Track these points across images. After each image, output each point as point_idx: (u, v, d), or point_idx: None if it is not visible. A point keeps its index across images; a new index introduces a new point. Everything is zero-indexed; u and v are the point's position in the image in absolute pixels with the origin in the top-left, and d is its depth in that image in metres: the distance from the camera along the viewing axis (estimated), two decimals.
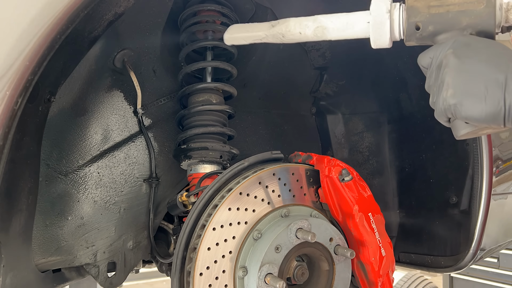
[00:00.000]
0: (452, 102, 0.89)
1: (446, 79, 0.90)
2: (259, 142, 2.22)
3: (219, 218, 1.25)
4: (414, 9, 0.99)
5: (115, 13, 1.40)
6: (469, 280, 5.58)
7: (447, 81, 0.90)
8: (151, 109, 1.84)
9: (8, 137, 0.91)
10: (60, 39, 0.97)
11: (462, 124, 0.94)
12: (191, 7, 1.72)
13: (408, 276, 5.56)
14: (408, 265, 2.00)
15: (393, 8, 1.05)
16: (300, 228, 1.25)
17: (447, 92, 0.90)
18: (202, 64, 1.73)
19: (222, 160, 1.71)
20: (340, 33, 1.17)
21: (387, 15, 1.04)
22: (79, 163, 1.66)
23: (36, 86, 0.97)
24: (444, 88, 0.91)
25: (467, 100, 0.87)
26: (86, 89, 1.64)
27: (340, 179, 1.40)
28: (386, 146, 2.13)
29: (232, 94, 1.82)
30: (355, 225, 1.40)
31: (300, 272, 1.30)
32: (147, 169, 1.84)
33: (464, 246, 1.70)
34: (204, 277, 1.21)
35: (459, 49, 0.91)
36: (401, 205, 2.08)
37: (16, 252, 1.36)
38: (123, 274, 1.80)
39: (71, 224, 1.65)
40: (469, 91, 0.87)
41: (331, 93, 2.28)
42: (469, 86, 0.87)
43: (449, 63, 0.91)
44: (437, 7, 0.96)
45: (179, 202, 1.60)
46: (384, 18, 1.04)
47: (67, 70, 1.48)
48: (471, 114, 0.87)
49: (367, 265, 1.42)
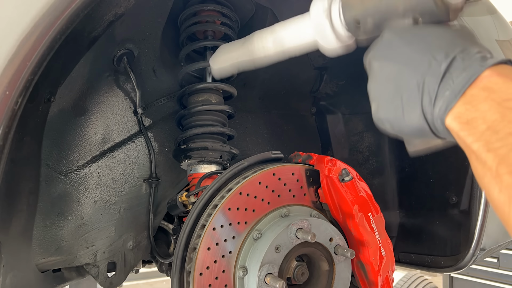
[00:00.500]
0: (377, 116, 0.79)
1: (371, 89, 0.82)
2: (259, 142, 2.22)
3: (219, 218, 1.25)
4: (347, 5, 0.93)
5: (115, 13, 1.40)
6: (469, 280, 5.57)
7: (369, 91, 0.82)
8: (151, 109, 1.85)
9: (8, 137, 0.91)
10: (60, 39, 0.97)
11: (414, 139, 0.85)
12: (191, 7, 1.72)
13: (408, 276, 5.55)
14: (408, 265, 2.00)
15: (332, 4, 0.97)
16: (300, 228, 1.25)
17: (372, 105, 0.81)
18: (202, 64, 1.73)
19: (222, 160, 1.71)
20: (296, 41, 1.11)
21: (324, 14, 0.97)
22: (79, 163, 1.66)
23: (36, 86, 0.97)
24: (371, 100, 0.82)
25: (390, 115, 0.76)
26: (86, 89, 1.64)
27: (340, 179, 1.40)
28: (386, 146, 2.13)
29: (232, 94, 1.82)
30: (355, 225, 1.40)
31: (300, 272, 1.30)
32: (147, 169, 1.84)
33: (464, 246, 1.70)
34: (204, 277, 1.21)
35: (380, 50, 0.81)
36: (401, 205, 2.08)
37: (16, 252, 1.36)
38: (123, 274, 1.80)
39: (71, 224, 1.65)
40: (390, 103, 0.75)
41: (331, 93, 2.28)
42: (388, 97, 0.76)
43: (371, 69, 0.82)
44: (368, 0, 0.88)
45: (179, 202, 1.60)
46: (322, 19, 0.98)
47: (67, 70, 1.48)
48: (399, 130, 0.76)
49: (367, 265, 1.42)
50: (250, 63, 1.25)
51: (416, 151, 0.84)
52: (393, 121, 0.75)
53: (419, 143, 0.83)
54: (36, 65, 0.93)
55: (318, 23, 0.99)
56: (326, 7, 0.97)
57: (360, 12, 0.89)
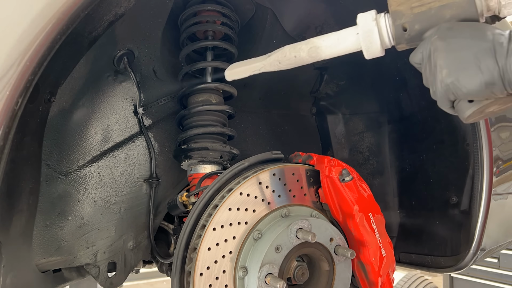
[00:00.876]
0: (449, 80, 0.90)
1: (438, 62, 0.92)
2: (259, 142, 2.22)
3: (220, 218, 1.25)
4: (398, 13, 1.03)
5: (115, 13, 1.40)
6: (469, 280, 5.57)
7: (439, 64, 0.92)
8: (151, 109, 1.85)
9: (8, 137, 0.91)
10: (60, 39, 0.97)
11: (466, 104, 0.95)
12: (191, 7, 1.72)
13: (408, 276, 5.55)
14: (408, 265, 2.00)
15: (379, 16, 1.09)
16: (300, 228, 1.25)
17: (442, 73, 0.91)
18: (202, 64, 1.73)
19: (222, 160, 1.71)
20: (333, 50, 1.20)
21: (373, 23, 1.08)
22: (79, 163, 1.66)
23: (36, 86, 0.97)
24: (438, 71, 0.92)
25: (463, 74, 0.89)
26: (86, 89, 1.64)
27: (340, 179, 1.40)
28: (386, 146, 2.13)
29: (232, 94, 1.82)
30: (355, 225, 1.40)
31: (300, 272, 1.30)
32: (147, 169, 1.84)
33: (464, 246, 1.70)
34: (205, 277, 1.21)
35: (443, 33, 0.94)
36: (401, 205, 2.08)
37: (16, 252, 1.36)
38: (124, 274, 1.80)
39: (72, 224, 1.65)
40: (462, 66, 0.89)
41: (331, 93, 2.28)
42: (460, 61, 0.89)
43: (437, 47, 0.93)
44: (419, 6, 1.00)
45: (179, 202, 1.60)
46: (371, 26, 1.08)
47: (67, 70, 1.48)
48: (470, 87, 0.88)
49: (368, 265, 1.42)
50: (274, 65, 1.34)
51: (470, 116, 0.96)
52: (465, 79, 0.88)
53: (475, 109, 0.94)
54: (36, 65, 0.93)
55: (367, 30, 1.09)
56: (375, 17, 1.09)
57: (409, 19, 1.01)
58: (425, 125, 1.90)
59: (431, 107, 1.82)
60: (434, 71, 0.94)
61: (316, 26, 1.97)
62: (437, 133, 1.85)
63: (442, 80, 0.91)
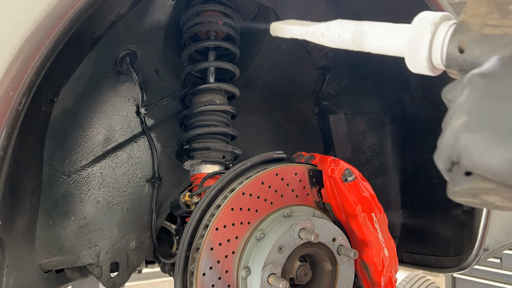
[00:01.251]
0: (463, 136, 0.62)
1: (463, 103, 0.65)
2: (261, 142, 2.22)
3: (222, 218, 1.25)
4: (464, 25, 0.76)
5: (117, 13, 1.41)
6: (471, 280, 5.56)
7: (462, 106, 0.64)
8: (153, 109, 1.85)
9: (12, 137, 0.91)
10: (63, 40, 0.97)
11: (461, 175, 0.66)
12: (193, 8, 1.72)
13: (411, 277, 5.54)
14: (411, 265, 1.99)
15: (443, 22, 0.82)
16: (303, 228, 1.25)
17: (458, 120, 0.63)
18: (204, 65, 1.73)
19: (225, 160, 1.71)
20: (379, 44, 0.98)
21: (429, 28, 0.82)
22: (82, 163, 1.66)
23: (39, 87, 0.97)
24: (456, 114, 0.65)
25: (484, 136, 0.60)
26: (89, 89, 1.64)
27: (343, 179, 1.39)
28: (388, 146, 2.13)
29: (235, 94, 1.82)
30: (358, 225, 1.40)
31: (303, 272, 1.30)
32: (149, 169, 1.84)
33: (467, 246, 1.69)
34: (207, 277, 1.21)
35: (491, 68, 0.67)
36: (404, 205, 2.08)
37: (19, 253, 1.36)
38: (126, 274, 1.80)
39: (74, 225, 1.65)
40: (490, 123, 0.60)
41: (334, 93, 2.28)
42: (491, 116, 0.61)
43: (472, 82, 0.66)
44: (493, 27, 0.73)
45: (182, 202, 1.60)
46: (425, 31, 0.82)
47: (70, 71, 1.49)
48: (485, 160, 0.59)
49: (370, 265, 1.41)
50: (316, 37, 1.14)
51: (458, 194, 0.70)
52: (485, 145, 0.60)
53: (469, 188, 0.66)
54: (39, 66, 0.93)
55: (417, 33, 0.85)
56: (437, 21, 0.83)
57: (472, 38, 0.75)
58: (428, 125, 1.90)
59: (433, 107, 1.81)
60: (453, 114, 0.66)
61: None
62: (440, 133, 1.84)
63: (454, 129, 0.64)
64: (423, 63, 0.84)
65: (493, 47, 0.72)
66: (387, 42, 0.95)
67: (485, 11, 0.74)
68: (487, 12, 0.74)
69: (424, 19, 0.83)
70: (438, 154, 0.69)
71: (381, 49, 0.98)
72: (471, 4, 0.77)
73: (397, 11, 1.60)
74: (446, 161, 0.67)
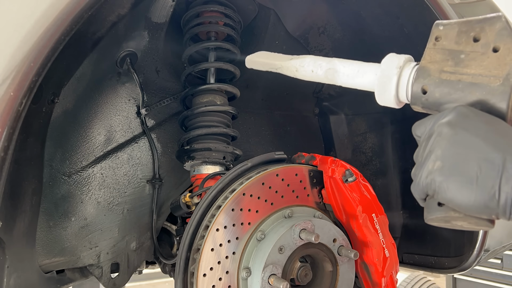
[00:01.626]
0: (438, 178, 0.76)
1: (436, 149, 0.79)
2: (262, 143, 2.22)
3: (223, 219, 1.25)
4: (425, 70, 0.90)
5: (118, 14, 1.41)
6: (472, 281, 5.55)
7: (436, 152, 0.78)
8: (154, 110, 1.85)
9: (12, 138, 0.91)
10: (64, 40, 0.97)
11: (435, 205, 0.82)
12: (194, 8, 1.72)
13: (411, 277, 5.53)
14: (411, 266, 1.99)
15: (406, 65, 0.96)
16: (303, 229, 1.25)
17: (434, 164, 0.78)
18: (205, 65, 1.73)
19: (225, 161, 1.71)
20: (349, 80, 1.11)
21: (395, 71, 0.96)
22: (82, 164, 1.66)
23: (40, 87, 0.98)
24: (430, 160, 0.79)
25: (456, 180, 0.74)
26: (89, 90, 1.64)
27: (343, 180, 1.39)
28: (389, 146, 2.13)
29: (235, 95, 1.82)
30: (358, 226, 1.40)
31: (303, 273, 1.30)
32: (150, 170, 1.84)
33: (468, 247, 1.69)
34: (208, 278, 1.21)
35: (456, 118, 0.80)
36: (404, 206, 2.08)
37: (20, 253, 1.36)
38: (127, 275, 1.80)
39: (75, 225, 1.65)
40: (460, 169, 0.74)
41: (334, 94, 2.28)
42: (460, 163, 0.75)
43: (441, 133, 0.80)
44: (449, 73, 0.86)
45: (182, 203, 1.60)
46: (392, 74, 0.96)
47: (70, 71, 1.49)
48: (456, 198, 0.74)
49: (371, 266, 1.41)
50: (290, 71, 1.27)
51: (433, 220, 0.84)
52: (455, 186, 0.75)
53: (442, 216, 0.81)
54: (40, 66, 0.93)
55: (385, 75, 0.98)
56: (401, 65, 0.96)
57: (432, 83, 0.88)
58: None
59: None
60: (427, 156, 0.80)
61: (319, 26, 1.97)
62: None
63: (431, 171, 0.78)
64: (391, 99, 1.00)
65: (451, 91, 0.86)
66: (357, 80, 1.09)
67: (440, 58, 0.88)
68: (443, 59, 0.88)
69: (389, 63, 0.97)
70: (415, 188, 0.83)
71: (352, 85, 1.12)
72: (429, 51, 0.91)
73: (397, 11, 1.60)
74: (422, 194, 0.82)
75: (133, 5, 1.46)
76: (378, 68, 1.01)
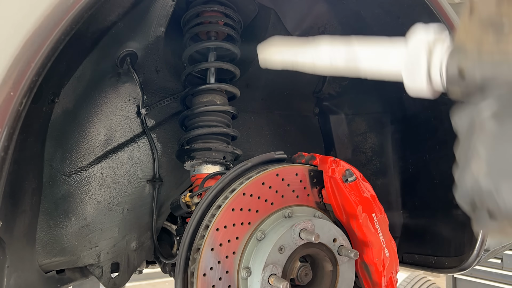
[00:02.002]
0: (485, 185, 0.63)
1: (480, 150, 0.66)
2: (262, 142, 2.22)
3: (223, 218, 1.24)
4: (461, 49, 0.74)
5: (118, 14, 1.41)
6: (472, 281, 5.55)
7: (480, 152, 0.65)
8: (154, 110, 1.85)
9: (13, 138, 0.91)
10: (64, 40, 0.97)
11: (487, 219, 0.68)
12: (194, 8, 1.72)
13: (411, 277, 5.53)
14: (411, 266, 1.99)
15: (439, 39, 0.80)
16: (303, 228, 1.25)
17: (478, 167, 0.65)
18: (205, 65, 1.73)
19: (226, 160, 1.71)
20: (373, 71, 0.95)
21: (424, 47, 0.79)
22: (82, 164, 1.66)
23: (40, 87, 0.97)
24: (473, 162, 0.66)
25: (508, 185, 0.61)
26: (89, 90, 1.64)
27: (343, 180, 1.39)
28: (389, 146, 2.13)
29: (235, 94, 1.82)
30: (358, 226, 1.40)
31: (303, 272, 1.30)
32: (150, 170, 1.84)
33: (468, 247, 1.69)
34: (208, 278, 1.21)
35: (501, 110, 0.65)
36: (404, 206, 2.07)
37: (20, 253, 1.36)
38: (127, 275, 1.80)
39: (75, 225, 1.65)
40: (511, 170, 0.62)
41: (334, 94, 2.28)
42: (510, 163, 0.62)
43: (485, 127, 0.66)
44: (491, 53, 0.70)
45: (182, 203, 1.60)
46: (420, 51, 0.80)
47: (70, 71, 1.49)
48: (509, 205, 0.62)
49: (371, 265, 1.41)
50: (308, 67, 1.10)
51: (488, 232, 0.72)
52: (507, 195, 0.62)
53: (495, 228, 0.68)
54: (40, 66, 0.93)
55: (414, 55, 0.82)
56: (431, 40, 0.80)
57: (472, 63, 0.73)
58: (428, 126, 1.90)
59: (434, 107, 1.81)
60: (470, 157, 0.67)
61: (319, 26, 1.97)
62: (440, 133, 1.84)
63: (476, 178, 0.65)
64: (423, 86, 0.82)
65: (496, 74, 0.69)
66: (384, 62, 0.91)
67: (479, 33, 0.72)
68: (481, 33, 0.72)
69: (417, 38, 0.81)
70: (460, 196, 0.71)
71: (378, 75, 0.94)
72: (463, 26, 0.75)
73: (397, 11, 1.60)
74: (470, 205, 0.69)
75: (133, 5, 1.46)
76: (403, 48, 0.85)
